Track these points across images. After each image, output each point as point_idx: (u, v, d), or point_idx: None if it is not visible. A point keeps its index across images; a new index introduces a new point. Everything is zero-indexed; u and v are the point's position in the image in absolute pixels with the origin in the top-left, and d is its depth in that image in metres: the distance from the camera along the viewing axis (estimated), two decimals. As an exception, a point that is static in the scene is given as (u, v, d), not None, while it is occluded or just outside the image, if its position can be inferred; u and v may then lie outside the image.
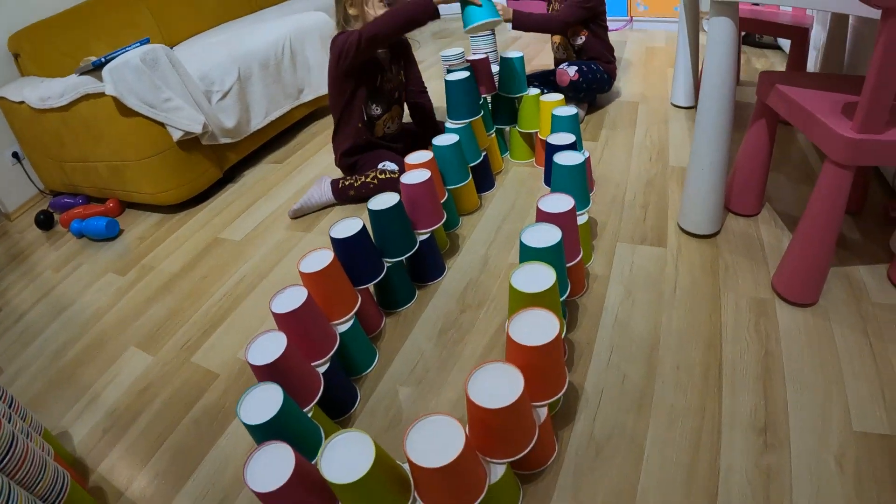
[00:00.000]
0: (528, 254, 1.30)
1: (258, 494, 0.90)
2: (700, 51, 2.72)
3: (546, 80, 2.78)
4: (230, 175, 2.93)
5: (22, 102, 2.99)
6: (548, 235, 1.31)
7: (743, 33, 3.49)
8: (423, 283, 1.77)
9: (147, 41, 2.53)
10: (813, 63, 2.54)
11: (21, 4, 3.45)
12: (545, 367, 1.05)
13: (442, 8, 1.99)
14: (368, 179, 2.19)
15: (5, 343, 2.07)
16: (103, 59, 2.42)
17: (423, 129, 2.51)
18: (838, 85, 1.47)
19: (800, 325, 1.43)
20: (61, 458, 1.39)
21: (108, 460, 1.48)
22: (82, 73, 2.58)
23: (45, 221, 3.03)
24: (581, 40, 2.67)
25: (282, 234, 2.26)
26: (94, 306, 2.17)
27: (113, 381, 1.74)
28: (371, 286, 1.60)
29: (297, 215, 2.37)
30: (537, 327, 1.05)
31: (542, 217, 1.41)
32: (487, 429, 0.97)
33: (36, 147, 3.23)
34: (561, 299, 1.31)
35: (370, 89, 2.26)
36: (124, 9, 3.76)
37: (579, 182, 1.60)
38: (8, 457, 1.15)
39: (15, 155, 3.42)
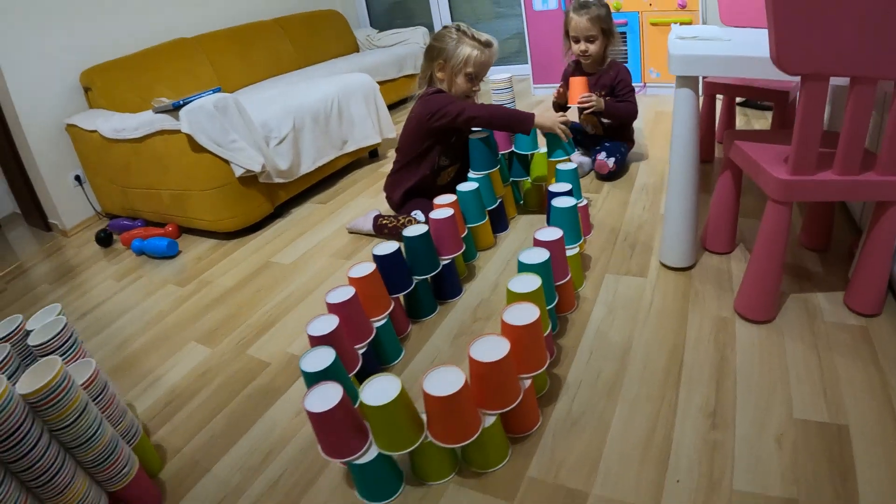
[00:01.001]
0: (522, 268, 1.63)
1: (311, 415, 1.22)
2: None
3: (576, 138, 3.11)
4: (280, 210, 3.25)
5: (94, 131, 3.33)
6: (539, 256, 1.65)
7: (742, 98, 3.83)
8: (444, 301, 2.09)
9: (219, 90, 2.90)
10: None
11: (93, 44, 3.82)
12: (528, 345, 1.37)
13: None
14: (399, 224, 2.48)
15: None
16: (181, 102, 2.77)
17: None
18: (782, 139, 1.78)
19: (754, 338, 1.67)
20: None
21: (169, 425, 1.73)
22: (159, 111, 2.91)
23: (105, 239, 3.34)
24: (609, 122, 3.01)
25: (326, 262, 2.56)
26: (156, 310, 2.45)
27: (174, 368, 2.01)
28: (401, 298, 1.94)
29: (351, 231, 2.78)
30: (524, 315, 1.38)
31: (536, 244, 1.74)
32: (481, 381, 1.29)
33: (100, 172, 3.56)
34: (549, 306, 1.64)
35: (445, 144, 2.58)
36: (186, 58, 4.19)
37: (571, 221, 1.93)
38: (101, 395, 1.43)
39: (77, 178, 3.75)
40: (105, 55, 3.87)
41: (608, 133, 3.05)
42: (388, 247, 1.86)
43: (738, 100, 3.81)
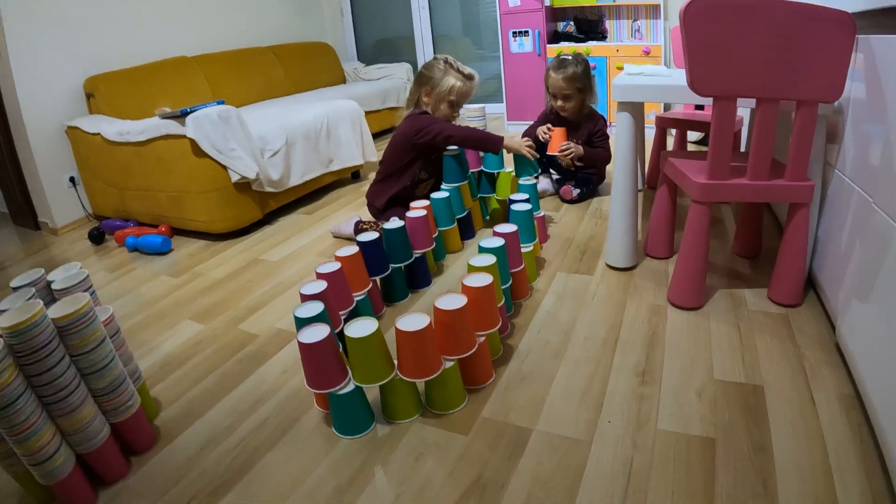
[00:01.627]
0: (482, 250, 1.91)
1: (303, 345, 1.47)
2: (647, 146, 3.38)
3: (550, 162, 3.40)
4: (268, 218, 3.48)
5: (97, 133, 3.50)
6: (496, 242, 1.94)
7: (702, 135, 4.19)
8: (415, 289, 2.37)
9: (223, 102, 3.16)
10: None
11: (99, 53, 4.02)
12: (483, 305, 1.66)
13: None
14: (378, 228, 2.65)
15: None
16: (188, 110, 3.01)
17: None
18: (705, 156, 2.03)
19: (683, 320, 1.95)
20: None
21: (165, 383, 1.89)
22: (164, 118, 3.13)
23: (97, 237, 3.47)
24: (581, 164, 3.29)
25: (311, 259, 2.79)
26: (151, 294, 2.61)
27: (169, 340, 2.17)
28: (378, 283, 2.21)
29: (336, 235, 3.01)
30: (480, 280, 1.68)
31: (495, 234, 2.03)
32: (443, 327, 1.57)
33: (98, 174, 3.71)
34: (504, 286, 1.93)
35: (426, 160, 2.84)
36: (186, 74, 4.44)
37: (527, 223, 2.23)
38: (115, 336, 1.59)
39: (72, 179, 3.87)
40: (110, 65, 4.05)
41: (579, 170, 3.33)
42: (370, 235, 2.14)
43: (695, 137, 4.18)
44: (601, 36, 5.04)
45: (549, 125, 3.18)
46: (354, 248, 2.02)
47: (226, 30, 5.20)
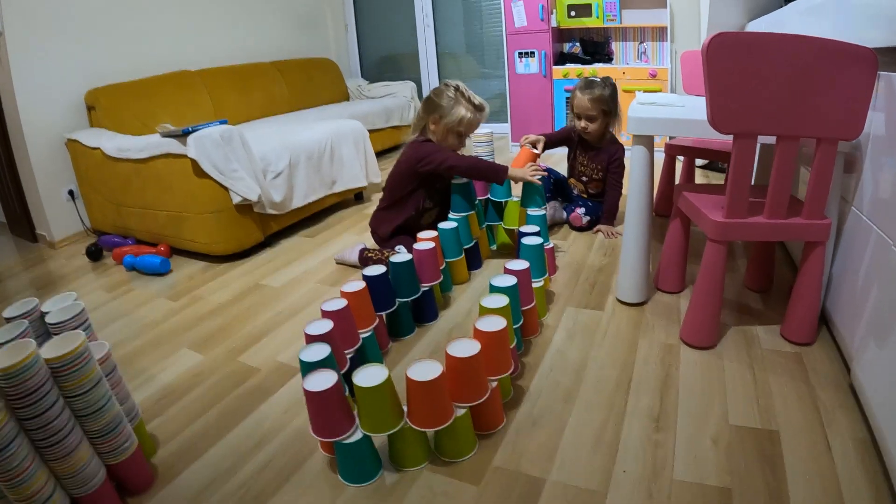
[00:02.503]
0: (493, 290, 1.85)
1: (309, 394, 1.41)
2: (655, 172, 3.26)
3: (558, 188, 3.33)
4: (270, 240, 3.41)
5: (97, 148, 3.45)
6: (508, 281, 1.88)
7: (707, 161, 4.12)
8: (422, 323, 2.30)
9: (225, 122, 3.09)
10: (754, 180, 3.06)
11: (101, 65, 3.99)
12: (496, 350, 1.59)
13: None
14: (384, 257, 2.63)
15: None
16: (190, 129, 2.94)
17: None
18: (721, 191, 2.03)
19: (697, 360, 1.89)
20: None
21: (163, 417, 1.83)
22: (165, 136, 3.07)
23: (95, 253, 3.41)
24: (595, 191, 3.27)
25: (313, 287, 2.73)
26: (150, 318, 2.54)
27: (167, 370, 2.10)
28: (384, 318, 2.14)
29: (339, 262, 2.95)
30: (493, 324, 1.61)
31: (506, 272, 1.97)
32: (455, 374, 1.50)
33: (97, 189, 3.66)
34: (515, 326, 1.86)
35: (430, 188, 2.78)
36: (188, 89, 4.39)
37: (538, 258, 2.17)
38: (111, 375, 1.54)
39: (70, 193, 3.84)
40: (112, 77, 4.02)
41: (592, 197, 3.30)
42: (377, 269, 2.07)
43: (700, 162, 4.13)
44: (607, 58, 5.00)
45: (527, 135, 3.09)
46: (360, 283, 1.95)
47: (229, 44, 5.17)
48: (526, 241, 2.23)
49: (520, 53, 4.98)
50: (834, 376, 1.76)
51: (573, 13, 4.90)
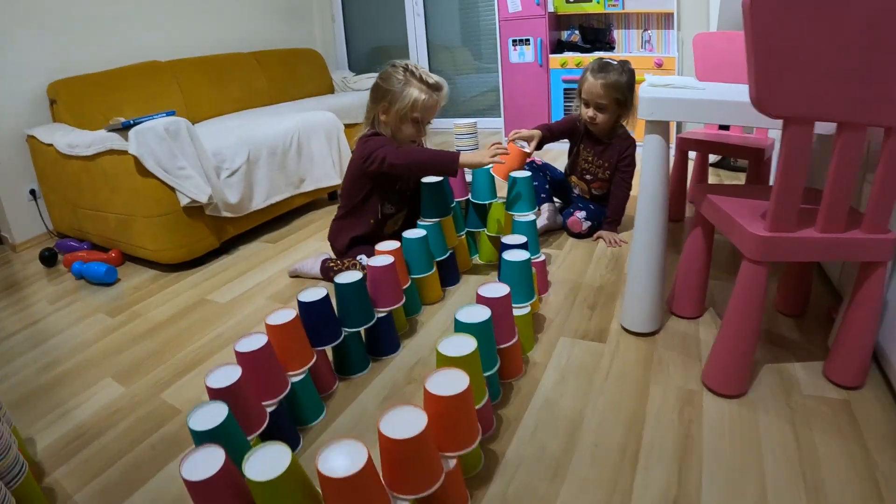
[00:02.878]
0: (460, 327, 1.44)
1: (187, 483, 1.00)
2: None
3: (556, 189, 2.95)
4: (226, 247, 3.05)
5: (50, 145, 3.15)
6: (478, 314, 1.46)
7: (719, 157, 3.76)
8: (378, 357, 1.87)
9: (173, 113, 2.72)
10: (773, 181, 2.72)
11: (65, 56, 3.69)
12: (454, 420, 1.17)
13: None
14: (345, 267, 2.29)
15: (-11, 356, 2.16)
16: (132, 122, 2.60)
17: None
18: (759, 194, 1.64)
19: (724, 414, 1.48)
20: (22, 453, 1.45)
21: (66, 467, 1.54)
22: (111, 130, 2.74)
23: (49, 258, 3.14)
24: (599, 192, 2.84)
25: (262, 304, 2.37)
26: (81, 338, 2.27)
27: (85, 403, 1.82)
28: (329, 352, 1.74)
29: (293, 275, 2.55)
30: (451, 383, 1.17)
31: (479, 300, 1.56)
32: (392, 460, 1.08)
33: (54, 189, 3.38)
34: (488, 373, 1.45)
35: (386, 191, 2.39)
36: (157, 82, 4.04)
37: (523, 277, 1.75)
38: None
39: (32, 192, 3.57)
40: (78, 69, 3.74)
41: (595, 199, 2.88)
42: (314, 293, 1.66)
43: (711, 160, 3.75)
44: (608, 46, 4.64)
45: (518, 131, 2.65)
46: (291, 313, 1.54)
47: (205, 34, 4.85)
48: (508, 255, 1.80)
49: (514, 41, 4.62)
50: (891, 432, 1.38)
51: (572, -2, 4.55)
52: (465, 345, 1.31)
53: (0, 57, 3.35)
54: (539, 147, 2.65)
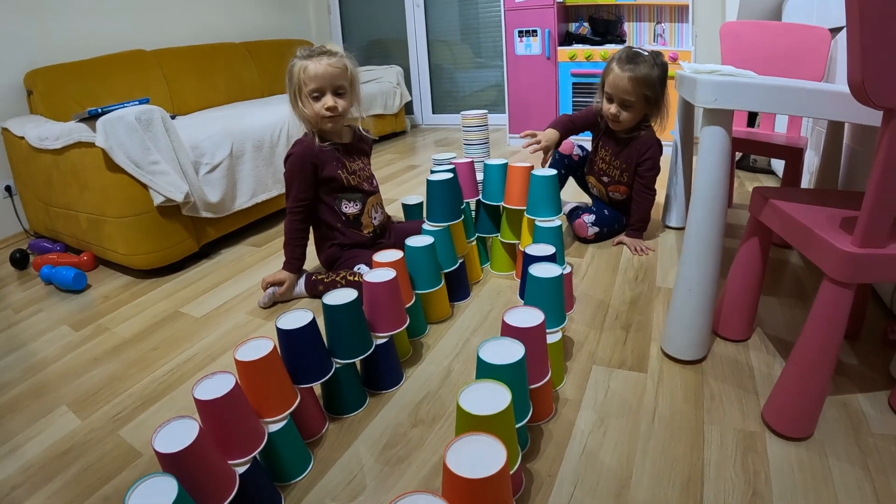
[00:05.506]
0: (485, 371, 1.11)
1: None
2: (694, 173, 2.65)
3: (563, 165, 2.64)
4: (206, 250, 2.72)
5: (22, 138, 2.89)
6: (510, 352, 1.13)
7: (738, 156, 3.49)
8: (376, 392, 1.54)
9: (147, 101, 2.41)
10: (806, 185, 2.47)
11: (44, 43, 3.47)
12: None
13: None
14: (339, 279, 1.99)
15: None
16: (100, 111, 2.31)
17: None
18: (834, 200, 1.36)
19: (792, 462, 1.23)
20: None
21: None
22: (79, 121, 2.46)
23: (19, 261, 2.87)
24: (620, 196, 2.50)
25: (242, 318, 2.06)
26: (41, 355, 1.99)
27: (38, 436, 1.55)
28: (317, 386, 1.40)
29: (269, 304, 2.13)
30: (481, 456, 0.86)
31: (507, 331, 1.23)
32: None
33: (28, 185, 3.11)
34: (520, 424, 1.12)
35: (337, 190, 2.10)
36: (141, 72, 3.77)
37: (554, 297, 1.43)
38: None
39: (7, 189, 3.35)
40: (58, 57, 3.49)
41: (614, 203, 2.54)
42: (296, 318, 1.33)
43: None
44: (619, 39, 4.31)
45: (533, 132, 2.34)
46: (267, 345, 1.20)
47: (192, 21, 4.56)
48: (536, 270, 1.47)
49: (520, 32, 4.29)
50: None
51: (581, -12, 4.24)
52: (496, 397, 0.98)
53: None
54: (550, 154, 2.39)
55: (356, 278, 1.95)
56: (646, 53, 2.22)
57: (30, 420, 1.62)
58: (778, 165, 3.19)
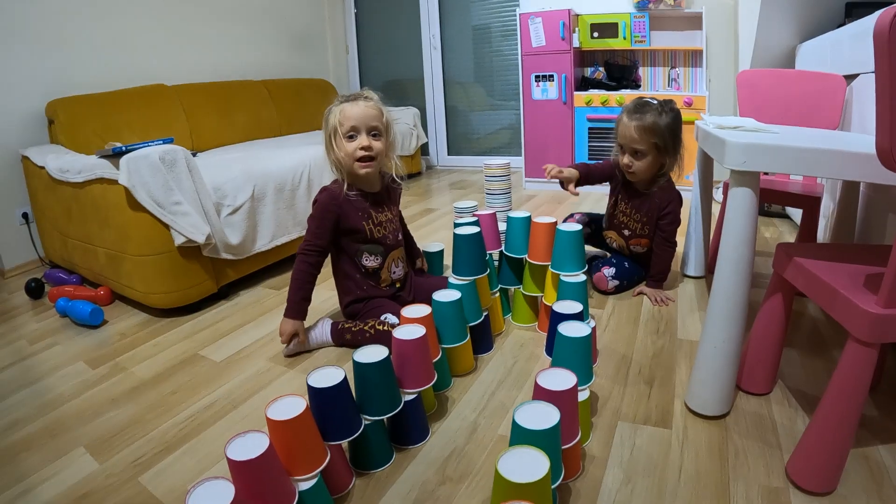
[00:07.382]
0: (522, 436, 1.09)
1: None
2: (712, 220, 2.63)
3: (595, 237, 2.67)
4: (225, 291, 2.70)
5: (42, 168, 2.89)
6: (545, 417, 1.11)
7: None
8: (403, 447, 1.51)
9: (171, 141, 2.42)
10: (822, 232, 2.44)
11: (67, 74, 3.51)
12: None
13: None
14: (367, 328, 1.96)
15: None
16: (124, 148, 2.31)
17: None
18: (858, 256, 1.35)
19: None
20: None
21: None
22: (102, 156, 2.47)
23: (35, 290, 2.88)
24: (641, 249, 2.48)
25: (263, 364, 2.02)
26: (57, 391, 1.96)
27: (53, 478, 1.51)
28: (345, 442, 1.38)
29: (293, 353, 2.08)
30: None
31: (541, 394, 1.22)
32: None
33: (45, 214, 3.12)
34: (554, 485, 1.10)
35: (360, 242, 2.09)
36: (161, 107, 3.78)
37: (583, 356, 1.41)
38: None
39: (25, 216, 3.37)
40: (79, 88, 3.52)
41: (634, 256, 2.52)
42: (329, 375, 1.30)
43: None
44: (634, 84, 4.35)
45: (553, 165, 2.37)
46: (300, 404, 1.19)
47: (213, 58, 4.60)
48: (566, 330, 1.44)
49: (537, 77, 4.32)
50: None
51: (596, 34, 4.28)
52: (534, 464, 0.97)
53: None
54: (577, 185, 2.38)
55: (384, 327, 1.93)
56: (654, 102, 2.24)
57: (45, 460, 1.58)
58: (793, 210, 3.18)
